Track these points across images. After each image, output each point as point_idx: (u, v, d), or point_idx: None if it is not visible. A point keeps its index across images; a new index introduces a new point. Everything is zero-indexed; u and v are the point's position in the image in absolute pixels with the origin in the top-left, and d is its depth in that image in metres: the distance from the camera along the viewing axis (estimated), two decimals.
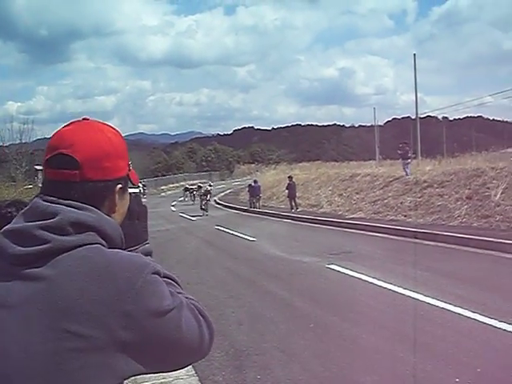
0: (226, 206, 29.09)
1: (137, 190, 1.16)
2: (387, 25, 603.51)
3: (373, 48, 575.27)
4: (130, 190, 1.09)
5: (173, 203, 35.15)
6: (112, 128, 1.05)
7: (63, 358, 0.85)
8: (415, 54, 30.47)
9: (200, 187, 37.52)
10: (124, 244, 1.03)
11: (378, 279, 7.55)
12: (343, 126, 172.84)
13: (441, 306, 5.96)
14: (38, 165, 26.51)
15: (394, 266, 8.76)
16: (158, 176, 64.80)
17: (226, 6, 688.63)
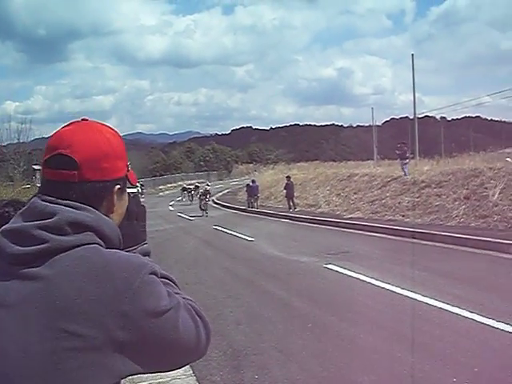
0: (224, 206, 29.08)
1: (135, 190, 1.16)
2: (385, 25, 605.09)
3: (371, 48, 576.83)
4: (128, 190, 1.09)
5: (171, 203, 35.16)
6: (111, 129, 1.06)
7: (61, 358, 0.85)
8: (413, 54, 30.84)
9: (197, 187, 37.56)
10: (122, 244, 1.03)
11: (375, 279, 7.55)
12: (341, 125, 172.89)
13: (439, 306, 5.97)
14: (35, 164, 26.45)
15: (392, 265, 8.78)
16: (156, 176, 64.75)
17: (224, 6, 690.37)
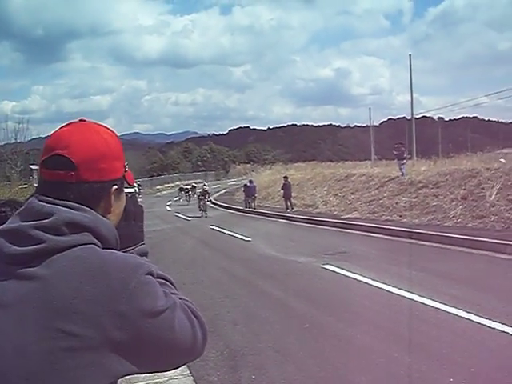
0: (221, 206, 29.07)
1: (132, 190, 1.16)
2: (383, 25, 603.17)
3: (368, 48, 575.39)
4: (125, 191, 1.10)
5: (168, 203, 35.18)
6: (108, 129, 1.06)
7: (57, 358, 0.85)
8: (411, 55, 30.73)
9: (194, 187, 37.63)
10: (119, 244, 1.03)
11: (373, 279, 7.56)
12: (339, 126, 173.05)
13: (435, 306, 5.98)
14: (33, 164, 26.37)
15: (389, 266, 8.78)
16: (153, 176, 64.80)
17: (221, 6, 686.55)
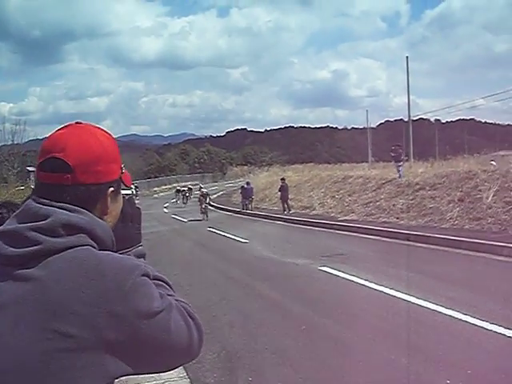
0: (218, 208, 29.04)
1: (129, 192, 1.16)
2: (380, 27, 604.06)
3: (366, 50, 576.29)
4: (123, 192, 1.10)
5: (165, 205, 35.15)
6: (104, 132, 1.06)
7: (53, 358, 0.86)
8: (408, 57, 30.93)
9: (190, 189, 37.63)
10: (115, 246, 1.03)
11: (370, 281, 7.56)
12: (336, 128, 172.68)
13: (432, 308, 5.98)
14: (30, 166, 26.36)
15: (387, 268, 8.79)
16: (150, 177, 64.69)
17: (219, 8, 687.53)
